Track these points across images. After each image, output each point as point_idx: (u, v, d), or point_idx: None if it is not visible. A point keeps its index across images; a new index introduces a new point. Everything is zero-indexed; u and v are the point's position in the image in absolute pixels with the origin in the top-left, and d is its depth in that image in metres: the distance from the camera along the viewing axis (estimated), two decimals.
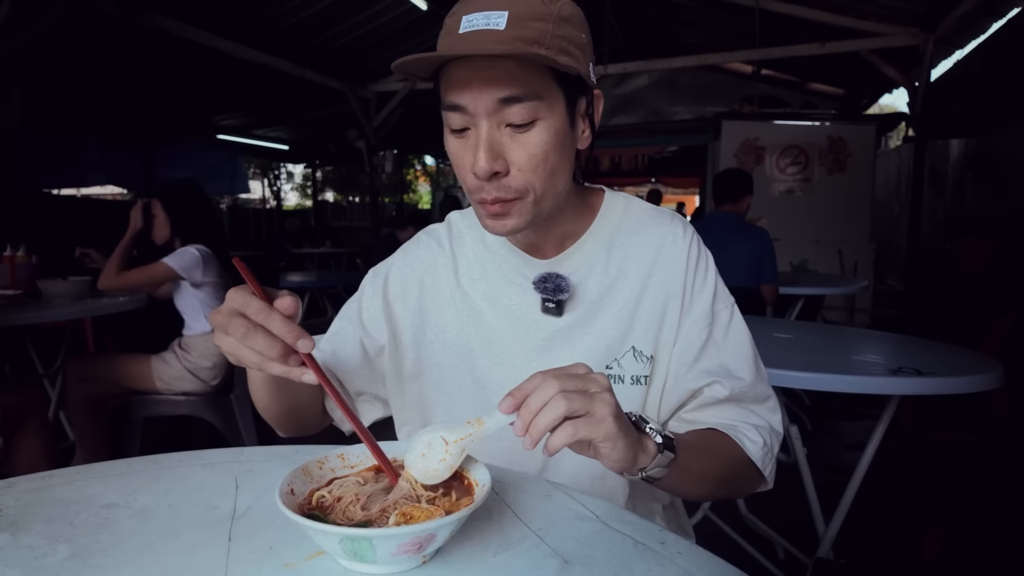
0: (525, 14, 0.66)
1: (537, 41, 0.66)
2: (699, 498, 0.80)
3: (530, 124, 0.68)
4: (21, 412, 1.90)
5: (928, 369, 1.40)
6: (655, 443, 0.60)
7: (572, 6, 0.71)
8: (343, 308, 0.91)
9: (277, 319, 0.56)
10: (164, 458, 0.76)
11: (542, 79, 0.67)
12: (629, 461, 0.57)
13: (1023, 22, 4.37)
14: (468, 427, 0.57)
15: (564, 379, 0.54)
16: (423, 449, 0.57)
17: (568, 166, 0.75)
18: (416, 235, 0.94)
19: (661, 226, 0.84)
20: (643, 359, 0.80)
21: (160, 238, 2.38)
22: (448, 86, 0.69)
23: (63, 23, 3.93)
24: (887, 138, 8.46)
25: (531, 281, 0.81)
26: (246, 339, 0.56)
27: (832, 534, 1.66)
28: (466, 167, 0.70)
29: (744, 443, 0.75)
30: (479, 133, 0.68)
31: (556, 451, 0.54)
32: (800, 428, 3.21)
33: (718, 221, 3.04)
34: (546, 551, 0.55)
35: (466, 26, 0.66)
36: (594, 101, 0.76)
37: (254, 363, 0.58)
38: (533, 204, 0.72)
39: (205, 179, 8.80)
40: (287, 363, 0.58)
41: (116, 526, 0.60)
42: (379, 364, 0.87)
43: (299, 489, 0.58)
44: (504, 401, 0.55)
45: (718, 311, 0.82)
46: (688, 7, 6.77)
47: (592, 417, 0.54)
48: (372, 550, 0.49)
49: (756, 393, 0.80)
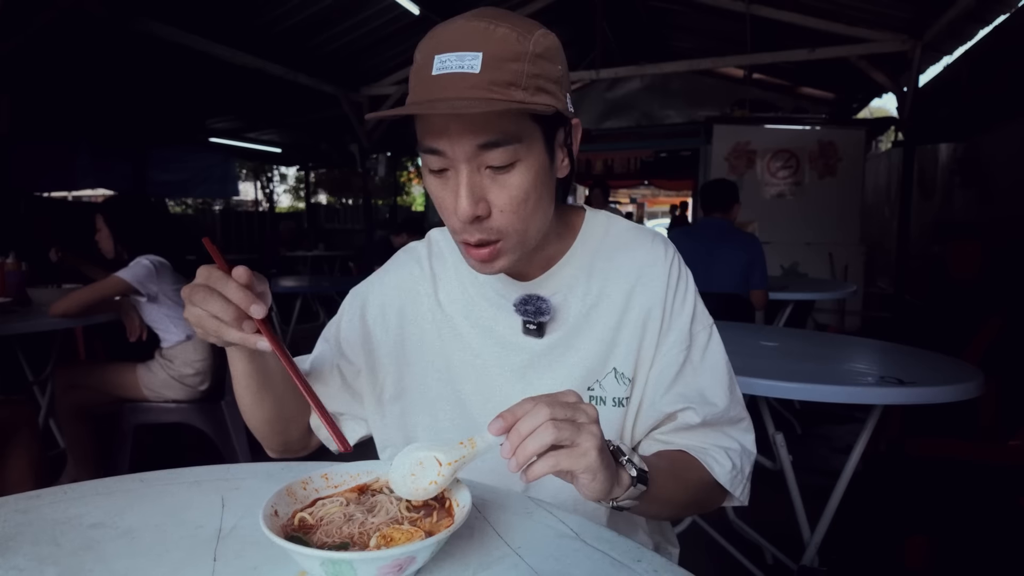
0: (499, 55, 0.64)
1: (513, 83, 0.64)
2: (663, 518, 0.83)
3: (510, 166, 0.67)
4: (10, 426, 1.89)
5: (910, 378, 1.42)
6: (630, 476, 0.62)
7: (547, 39, 0.69)
8: (325, 329, 0.92)
9: (232, 286, 0.61)
10: (151, 476, 0.77)
11: (520, 122, 0.66)
12: (604, 493, 0.58)
13: (1009, 29, 4.43)
14: (461, 448, 0.58)
15: (555, 407, 0.55)
16: (412, 468, 0.58)
17: (550, 200, 0.74)
18: (395, 255, 0.93)
19: (642, 247, 0.83)
20: (624, 380, 0.79)
21: (107, 252, 2.34)
22: (425, 131, 0.68)
23: (53, 27, 3.92)
24: (877, 142, 8.52)
25: (512, 303, 0.81)
26: (204, 304, 0.61)
27: (817, 540, 1.68)
28: (448, 209, 0.70)
29: (712, 467, 0.76)
30: (459, 177, 0.67)
31: (536, 479, 0.55)
32: (789, 432, 3.25)
33: (709, 227, 3.06)
34: (525, 570, 0.57)
35: (439, 67, 0.64)
36: (572, 131, 0.75)
37: (212, 329, 0.62)
38: (517, 244, 0.72)
39: (196, 182, 8.79)
40: (242, 329, 0.62)
41: (102, 547, 0.61)
42: (358, 386, 0.87)
43: (283, 510, 0.59)
44: (494, 423, 0.55)
45: (696, 333, 0.82)
46: (680, 12, 6.81)
47: (577, 449, 0.55)
48: (353, 572, 0.50)
49: (729, 417, 0.81)
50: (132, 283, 2.19)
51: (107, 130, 7.03)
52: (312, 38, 5.88)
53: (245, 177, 15.56)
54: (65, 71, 5.47)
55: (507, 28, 0.65)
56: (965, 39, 4.98)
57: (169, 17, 4.68)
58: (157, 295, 2.26)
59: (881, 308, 6.24)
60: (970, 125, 5.45)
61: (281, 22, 5.42)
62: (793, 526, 1.75)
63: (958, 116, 5.60)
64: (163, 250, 2.31)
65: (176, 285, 2.31)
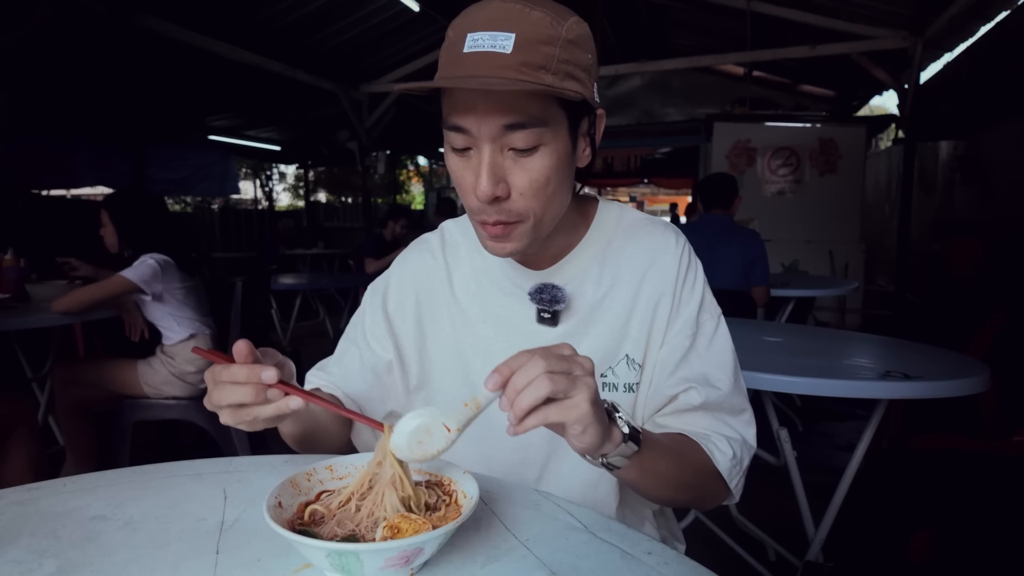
0: (532, 37, 0.64)
1: (544, 67, 0.64)
2: (660, 500, 0.79)
3: (533, 149, 0.67)
4: (9, 423, 1.87)
5: (916, 373, 1.41)
6: (622, 432, 0.61)
7: (580, 26, 0.69)
8: (348, 329, 0.92)
9: (235, 370, 0.58)
10: (152, 468, 0.76)
11: (547, 106, 0.67)
12: (595, 446, 0.58)
13: (1010, 25, 4.42)
14: (466, 410, 0.56)
15: (551, 359, 0.54)
16: (419, 436, 0.56)
17: (568, 187, 0.75)
18: (409, 245, 0.94)
19: (653, 235, 0.84)
20: (635, 366, 0.81)
21: (111, 247, 2.33)
22: (451, 107, 0.68)
23: (51, 24, 3.90)
24: (877, 139, 8.51)
25: (526, 292, 0.81)
26: (224, 400, 0.58)
27: (821, 537, 1.67)
28: (468, 188, 0.70)
29: (713, 453, 0.75)
30: (482, 156, 0.68)
31: (525, 431, 0.54)
32: (791, 429, 3.24)
33: (710, 224, 3.06)
34: (534, 562, 0.56)
35: (471, 45, 0.65)
36: (596, 121, 0.76)
37: (247, 418, 0.60)
38: (533, 227, 0.72)
39: (196, 180, 8.77)
40: (270, 400, 0.59)
41: (102, 539, 0.60)
42: (390, 381, 0.88)
43: (287, 502, 0.58)
44: (491, 378, 0.54)
45: (703, 321, 0.82)
46: (679, 9, 6.79)
47: (569, 401, 0.54)
48: (360, 564, 0.49)
49: (731, 405, 0.80)
50: (137, 283, 2.17)
51: (106, 128, 7.01)
52: (312, 35, 5.86)
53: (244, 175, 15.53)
54: (63, 68, 5.45)
55: (542, 12, 0.65)
56: (966, 36, 4.96)
57: (168, 13, 4.66)
58: (162, 294, 2.25)
59: (881, 306, 6.23)
60: (971, 122, 5.43)
61: (280, 18, 5.41)
62: (797, 522, 1.74)
63: (959, 113, 5.59)
64: (166, 247, 2.29)
65: (180, 283, 2.29)
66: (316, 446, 0.81)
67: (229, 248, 9.67)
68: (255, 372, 0.58)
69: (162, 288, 2.24)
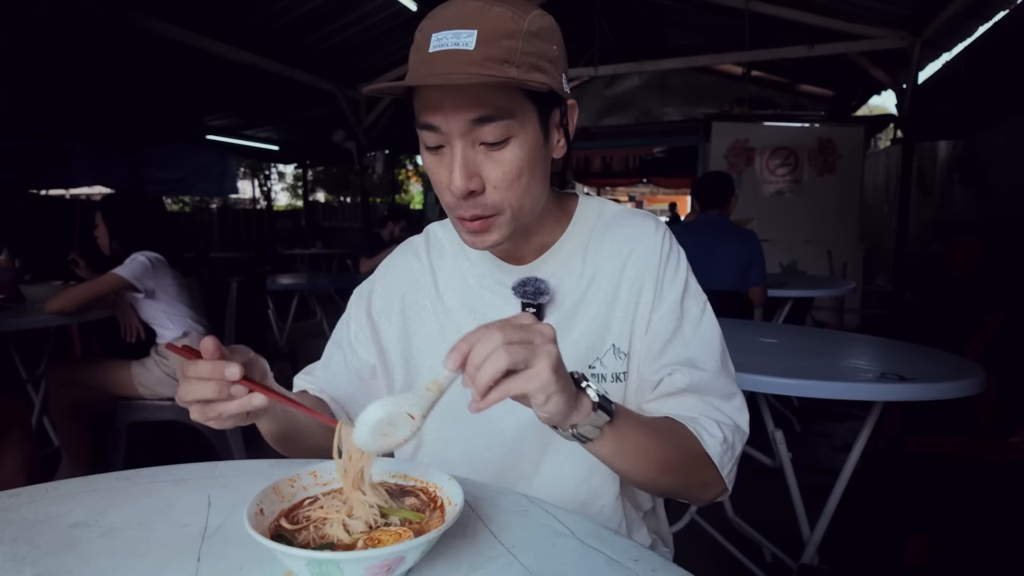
0: (494, 32, 0.66)
1: (507, 60, 0.66)
2: (645, 484, 0.74)
3: (504, 142, 0.69)
4: (3, 424, 1.86)
5: (912, 374, 1.41)
6: (592, 401, 0.60)
7: (542, 18, 0.70)
8: (334, 332, 0.93)
9: (200, 365, 0.58)
10: (136, 474, 0.75)
11: (514, 97, 0.68)
12: (562, 415, 0.57)
13: (1008, 26, 4.41)
14: (428, 394, 0.55)
15: (507, 330, 0.53)
16: (384, 428, 0.54)
17: (543, 178, 0.76)
18: (395, 249, 0.95)
19: (633, 225, 0.84)
20: (621, 355, 0.80)
21: (104, 248, 2.33)
22: (421, 106, 0.69)
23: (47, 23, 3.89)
24: (876, 139, 8.51)
25: (510, 287, 0.82)
26: (189, 395, 0.58)
27: (817, 538, 1.66)
28: (443, 185, 0.71)
29: (702, 436, 0.73)
30: (454, 152, 0.69)
31: (487, 407, 0.53)
32: (789, 429, 3.24)
33: (707, 224, 3.04)
34: (519, 569, 0.55)
35: (435, 44, 0.66)
36: (568, 111, 0.77)
37: (213, 414, 0.59)
38: (511, 219, 0.73)
39: (194, 180, 8.73)
40: (234, 397, 0.59)
41: (83, 546, 0.59)
42: (373, 385, 0.88)
43: (269, 509, 0.57)
44: (450, 356, 0.53)
45: (688, 307, 0.81)
46: (677, 9, 6.79)
47: (530, 371, 0.53)
48: (340, 573, 0.48)
49: (719, 387, 0.78)
50: (129, 279, 2.17)
51: (104, 127, 6.99)
52: (309, 34, 5.85)
53: (243, 175, 15.53)
54: (61, 67, 5.43)
55: (503, 8, 0.67)
56: (965, 36, 4.95)
57: (165, 13, 4.65)
58: (154, 291, 2.25)
59: (880, 306, 6.23)
60: (969, 122, 5.42)
61: (278, 18, 5.39)
62: (792, 524, 1.73)
63: (957, 113, 5.58)
64: (159, 247, 2.29)
65: (173, 281, 2.29)
66: (298, 446, 0.80)
67: (227, 248, 9.66)
68: (219, 368, 0.58)
69: (155, 285, 2.23)
